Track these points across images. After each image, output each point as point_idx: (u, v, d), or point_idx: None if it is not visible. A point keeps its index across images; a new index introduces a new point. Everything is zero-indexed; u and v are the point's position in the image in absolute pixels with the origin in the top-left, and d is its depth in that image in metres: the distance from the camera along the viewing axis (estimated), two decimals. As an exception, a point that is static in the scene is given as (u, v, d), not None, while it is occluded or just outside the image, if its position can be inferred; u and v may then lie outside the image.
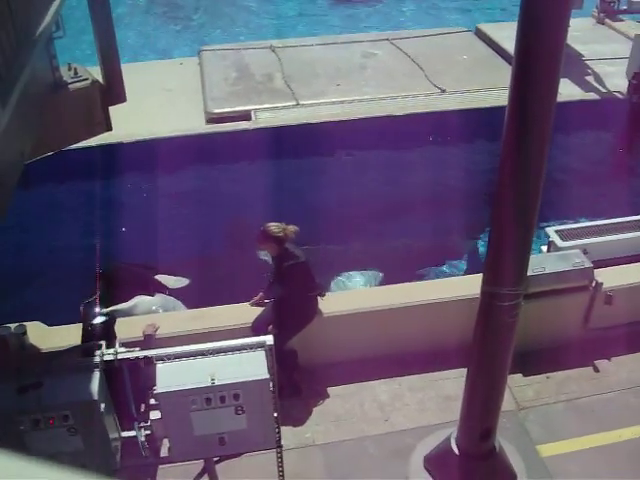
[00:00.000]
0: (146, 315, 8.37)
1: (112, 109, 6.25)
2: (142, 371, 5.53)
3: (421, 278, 10.48)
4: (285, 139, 12.58)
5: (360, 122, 13.17)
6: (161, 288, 9.70)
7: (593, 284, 7.97)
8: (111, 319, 6.27)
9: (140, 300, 9.23)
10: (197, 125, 13.21)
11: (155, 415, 5.38)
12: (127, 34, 19.74)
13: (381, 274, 10.81)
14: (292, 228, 7.19)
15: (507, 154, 4.79)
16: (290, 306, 7.35)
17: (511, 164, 4.81)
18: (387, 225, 11.67)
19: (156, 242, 10.64)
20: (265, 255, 7.46)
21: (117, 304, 9.04)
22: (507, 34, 15.04)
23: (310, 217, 10.80)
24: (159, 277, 9.83)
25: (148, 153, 12.06)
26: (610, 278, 8.06)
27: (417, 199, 12.03)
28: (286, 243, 7.18)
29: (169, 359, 5.28)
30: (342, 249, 11.14)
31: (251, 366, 5.26)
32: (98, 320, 6.13)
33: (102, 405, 5.04)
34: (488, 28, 17.47)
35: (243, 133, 12.90)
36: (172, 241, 10.70)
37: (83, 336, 6.12)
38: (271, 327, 7.13)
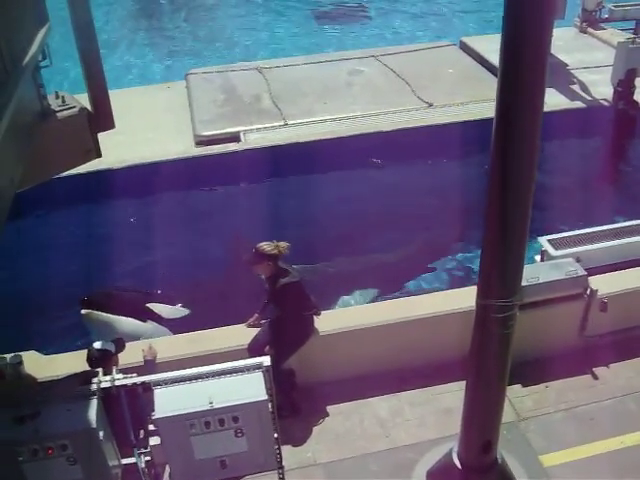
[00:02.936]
0: (143, 340, 8.31)
1: (101, 135, 6.25)
2: (140, 397, 5.50)
3: (416, 292, 10.48)
4: (275, 159, 12.60)
5: (349, 139, 13.21)
6: (153, 316, 9.54)
7: (588, 292, 7.99)
8: (108, 351, 6.20)
9: (124, 319, 9.07)
10: (186, 148, 13.21)
11: (155, 441, 5.36)
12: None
13: (376, 290, 10.80)
14: (284, 244, 7.22)
15: (496, 165, 4.80)
16: (286, 326, 7.33)
17: (500, 175, 4.82)
18: (380, 240, 11.67)
19: (150, 267, 10.62)
20: (259, 276, 7.43)
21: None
22: (491, 46, 15.13)
23: (304, 235, 10.82)
24: (152, 305, 9.66)
25: (138, 178, 12.06)
26: (604, 285, 8.07)
27: (410, 214, 12.05)
28: (280, 260, 7.19)
29: (167, 384, 5.25)
30: (336, 266, 11.12)
31: (249, 388, 5.24)
32: (97, 345, 6.09)
33: (101, 433, 5.01)
34: (472, 41, 17.57)
35: (232, 155, 12.91)
36: (166, 266, 10.68)
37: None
38: (268, 348, 7.10)
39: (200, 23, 25.40)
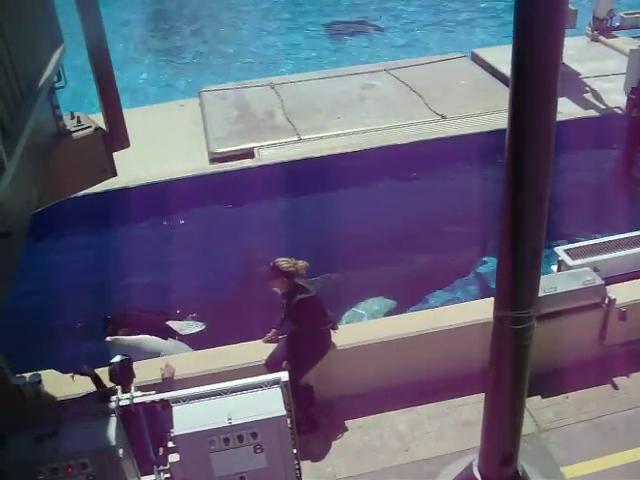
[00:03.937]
0: (160, 358, 8.33)
1: (116, 154, 6.31)
2: (159, 414, 5.51)
3: (433, 305, 10.45)
4: (289, 174, 12.63)
5: (364, 153, 13.22)
6: (173, 334, 9.62)
7: (606, 301, 7.94)
8: (128, 360, 6.23)
9: (147, 338, 9.13)
10: (201, 166, 13.26)
11: (174, 458, 5.35)
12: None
13: (393, 303, 10.78)
14: (302, 263, 7.23)
15: (510, 176, 4.79)
16: (303, 341, 7.32)
17: (515, 186, 4.81)
18: (397, 254, 11.66)
19: (166, 286, 10.66)
20: (275, 291, 7.44)
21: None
22: (503, 57, 15.11)
23: (320, 250, 10.83)
24: (171, 323, 9.75)
25: (154, 196, 12.13)
26: (623, 294, 8.02)
27: (425, 226, 12.04)
28: (296, 278, 7.20)
29: (185, 401, 5.26)
30: (353, 281, 11.12)
31: (267, 404, 5.24)
32: (117, 359, 6.11)
33: (120, 450, 5.02)
34: (484, 52, 17.58)
35: (247, 171, 12.96)
36: (182, 284, 10.71)
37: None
38: (285, 363, 7.10)
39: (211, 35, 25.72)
